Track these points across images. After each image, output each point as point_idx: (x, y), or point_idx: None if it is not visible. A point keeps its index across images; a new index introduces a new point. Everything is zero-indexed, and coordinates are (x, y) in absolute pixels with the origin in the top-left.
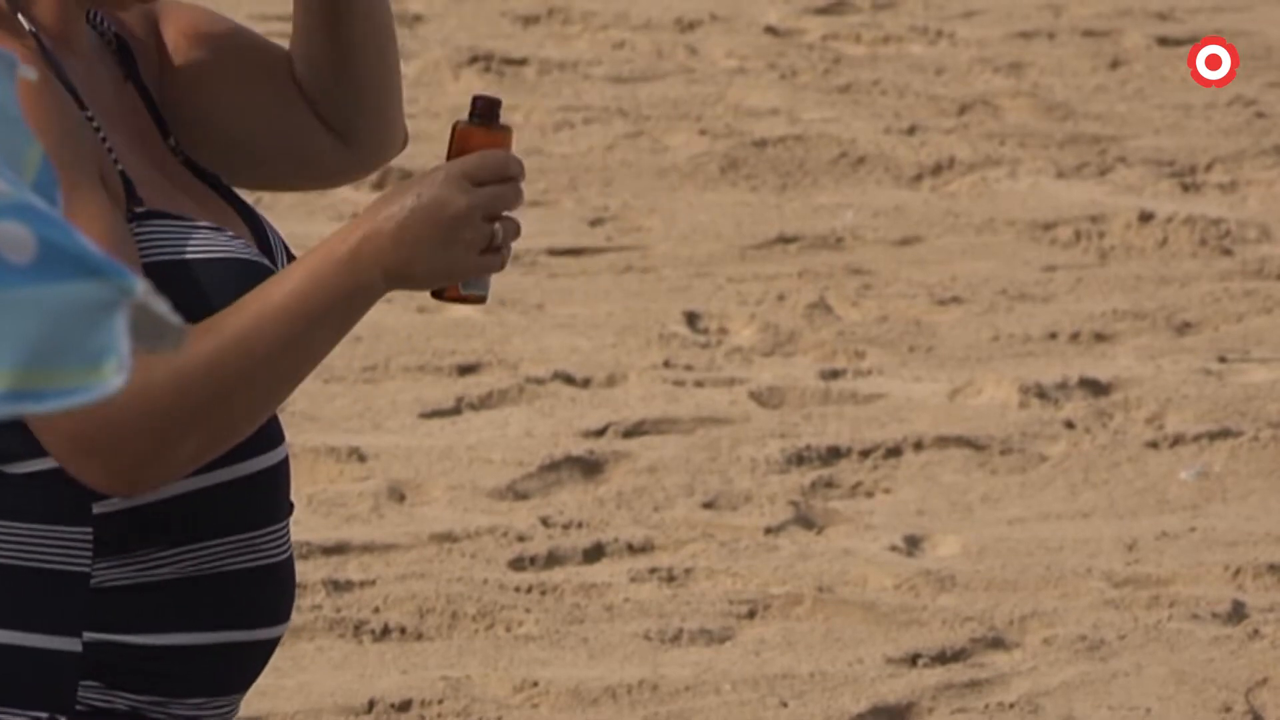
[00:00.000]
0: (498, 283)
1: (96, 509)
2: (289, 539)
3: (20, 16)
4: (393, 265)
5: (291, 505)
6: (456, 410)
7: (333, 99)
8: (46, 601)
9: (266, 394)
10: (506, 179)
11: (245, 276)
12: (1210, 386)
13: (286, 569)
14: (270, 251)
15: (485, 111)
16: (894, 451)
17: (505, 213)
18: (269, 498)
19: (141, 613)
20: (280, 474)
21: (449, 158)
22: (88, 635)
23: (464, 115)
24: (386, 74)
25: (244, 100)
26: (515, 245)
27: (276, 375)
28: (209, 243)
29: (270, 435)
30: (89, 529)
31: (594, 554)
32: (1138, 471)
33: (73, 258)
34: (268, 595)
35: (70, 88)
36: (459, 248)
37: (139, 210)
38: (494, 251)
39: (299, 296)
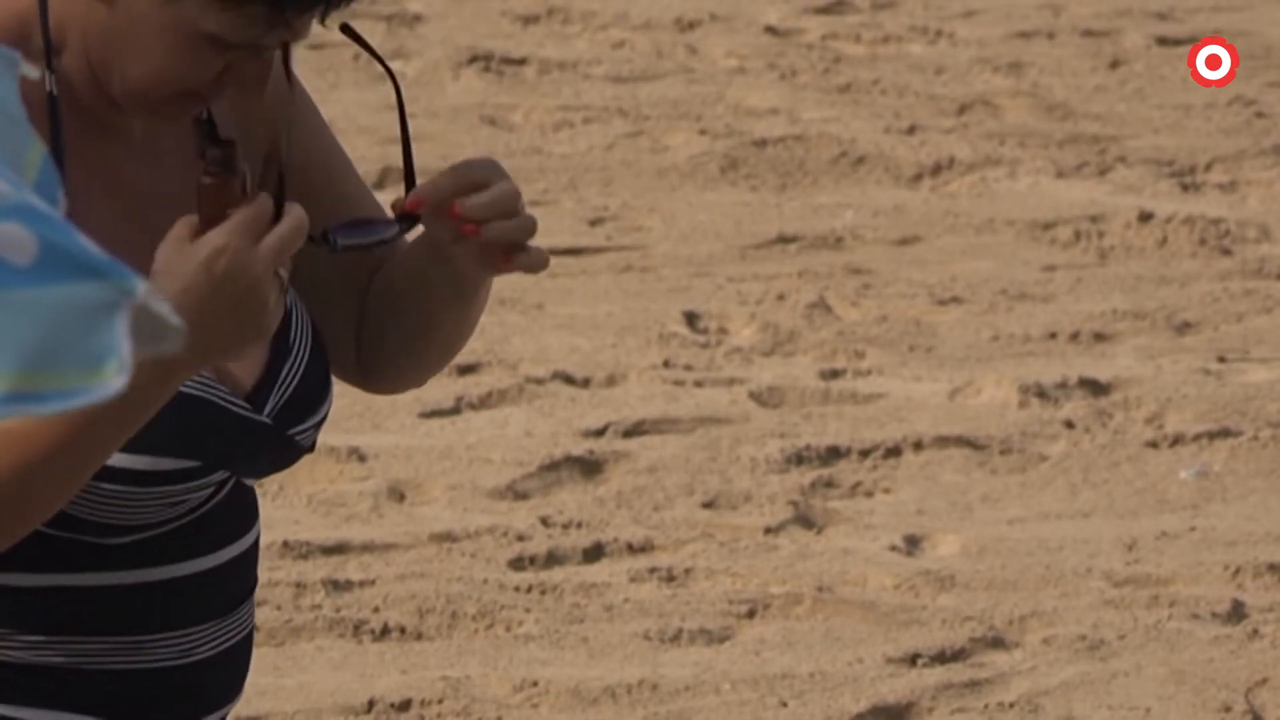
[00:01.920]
0: (499, 283)
1: None
2: (201, 643)
3: (49, 73)
4: (197, 349)
5: (230, 605)
6: (456, 410)
7: (374, 354)
8: None
9: (51, 486)
10: (276, 220)
11: (183, 410)
12: (1210, 386)
13: (192, 671)
14: (276, 369)
15: (227, 159)
16: (894, 451)
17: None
18: (170, 605)
19: None
20: (194, 583)
21: (204, 218)
22: None
23: (210, 163)
24: (433, 360)
25: (310, 273)
26: None
27: (59, 471)
28: None
29: (183, 550)
30: None
31: (594, 554)
32: (1137, 471)
33: (73, 259)
34: (157, 697)
35: (59, 154)
36: (264, 314)
37: None
38: (282, 296)
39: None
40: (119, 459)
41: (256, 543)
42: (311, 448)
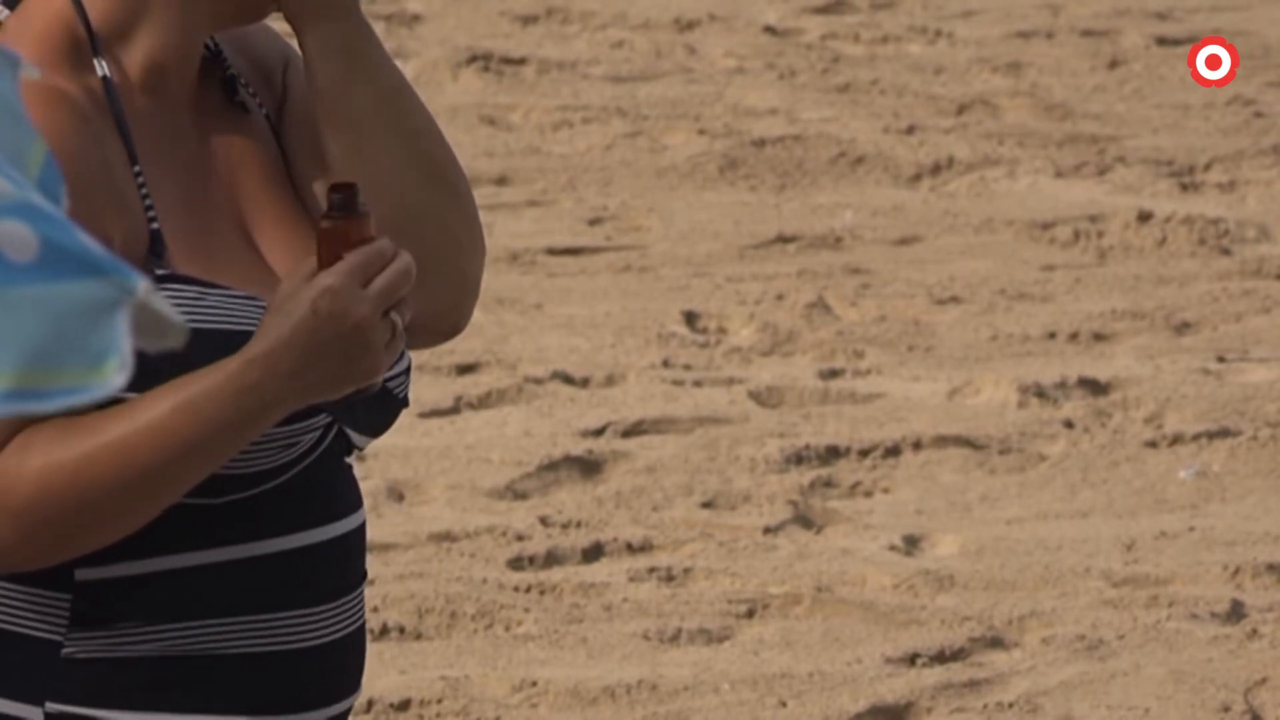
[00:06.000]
0: (497, 282)
1: (79, 575)
2: (331, 623)
3: (98, 59)
4: (300, 387)
5: (351, 584)
6: (455, 410)
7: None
8: (14, 666)
9: (142, 501)
10: (388, 265)
11: None
12: (1209, 386)
13: (321, 655)
14: None
15: (346, 203)
16: (893, 451)
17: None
18: (295, 580)
19: (114, 687)
20: (316, 556)
21: (321, 259)
22: (50, 705)
23: (326, 208)
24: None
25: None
26: (515, 244)
27: (154, 486)
28: (231, 314)
29: (300, 516)
30: (68, 595)
31: (593, 554)
32: (1136, 471)
33: (75, 257)
34: (285, 681)
35: (125, 134)
36: (369, 355)
37: (159, 273)
38: (396, 341)
39: (190, 414)
40: None
41: (363, 526)
42: (406, 402)
